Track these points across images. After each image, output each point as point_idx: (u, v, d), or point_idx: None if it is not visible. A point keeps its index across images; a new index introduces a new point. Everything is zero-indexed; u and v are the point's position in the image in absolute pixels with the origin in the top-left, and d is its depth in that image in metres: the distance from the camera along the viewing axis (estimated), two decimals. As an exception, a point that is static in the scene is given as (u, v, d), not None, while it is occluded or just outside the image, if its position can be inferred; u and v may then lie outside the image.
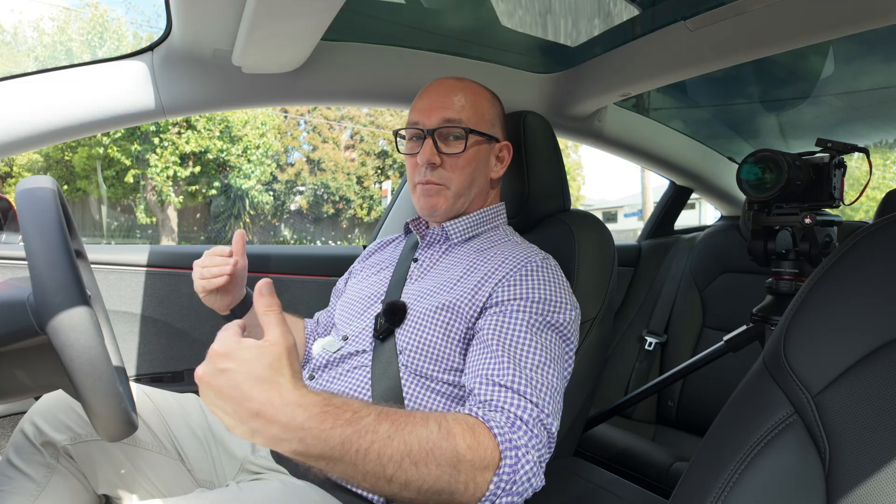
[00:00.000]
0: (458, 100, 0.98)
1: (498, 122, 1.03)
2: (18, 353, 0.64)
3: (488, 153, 1.01)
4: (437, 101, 0.98)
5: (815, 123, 2.01)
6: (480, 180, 1.01)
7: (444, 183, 0.97)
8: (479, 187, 1.01)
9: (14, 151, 1.07)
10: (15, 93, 1.05)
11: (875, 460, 0.46)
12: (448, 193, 0.98)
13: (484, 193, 1.03)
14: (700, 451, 0.58)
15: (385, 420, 0.58)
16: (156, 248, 1.43)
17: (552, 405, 0.73)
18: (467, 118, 0.97)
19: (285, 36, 1.05)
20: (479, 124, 0.98)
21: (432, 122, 0.96)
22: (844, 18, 1.07)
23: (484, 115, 1.00)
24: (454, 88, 0.99)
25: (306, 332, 1.17)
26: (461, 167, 0.97)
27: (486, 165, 1.01)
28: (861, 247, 0.53)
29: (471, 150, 0.97)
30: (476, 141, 0.98)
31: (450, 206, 0.99)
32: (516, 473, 0.64)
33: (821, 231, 1.22)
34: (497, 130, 1.03)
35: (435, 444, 0.59)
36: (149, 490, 0.92)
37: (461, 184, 0.98)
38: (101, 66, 1.12)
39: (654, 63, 1.39)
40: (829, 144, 1.19)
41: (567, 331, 0.83)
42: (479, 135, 0.97)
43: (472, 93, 1.00)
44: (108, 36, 13.21)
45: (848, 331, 0.51)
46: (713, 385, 1.69)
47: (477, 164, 0.99)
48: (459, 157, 0.96)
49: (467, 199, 1.00)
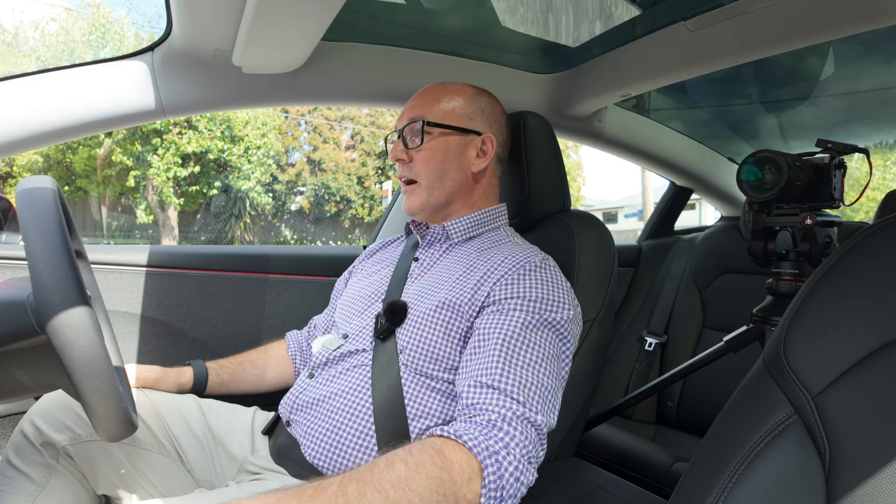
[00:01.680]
0: (426, 99, 1.02)
1: (480, 116, 1.03)
2: (18, 353, 0.64)
3: (461, 145, 1.01)
4: (410, 104, 1.04)
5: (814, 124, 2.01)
6: (454, 173, 1.00)
7: (413, 177, 1.01)
8: (454, 180, 1.01)
9: (14, 151, 1.07)
10: (15, 93, 1.05)
11: (875, 461, 0.46)
12: (420, 189, 1.01)
13: (467, 188, 1.03)
14: (700, 451, 0.58)
15: (350, 481, 0.59)
16: (156, 248, 1.43)
17: (541, 403, 0.73)
18: (428, 113, 1.00)
19: (285, 36, 1.05)
20: (444, 118, 1.00)
21: (402, 122, 1.03)
22: (844, 19, 1.07)
23: (454, 109, 1.01)
24: (427, 90, 1.05)
25: (300, 340, 1.19)
26: (424, 159, 1.00)
27: (460, 157, 1.01)
28: (861, 248, 0.53)
29: (433, 142, 0.99)
30: (440, 133, 0.99)
31: (424, 200, 1.01)
32: (502, 479, 0.64)
33: (821, 232, 1.22)
34: (478, 124, 1.02)
35: (408, 480, 0.59)
36: (148, 490, 0.92)
37: (429, 175, 1.00)
38: (102, 66, 1.12)
39: (654, 63, 1.39)
40: (829, 145, 1.19)
41: (565, 329, 0.83)
42: (438, 126, 0.99)
43: (445, 91, 1.03)
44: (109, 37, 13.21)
45: (848, 331, 0.51)
46: (713, 385, 1.69)
47: (445, 155, 0.99)
48: (420, 150, 1.00)
49: (443, 192, 1.00)
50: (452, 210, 1.03)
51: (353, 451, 0.84)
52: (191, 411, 1.00)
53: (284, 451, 0.92)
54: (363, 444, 0.84)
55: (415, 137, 1.00)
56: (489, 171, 1.05)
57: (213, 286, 1.45)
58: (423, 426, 0.84)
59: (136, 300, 1.38)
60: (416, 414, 0.84)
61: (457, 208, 1.03)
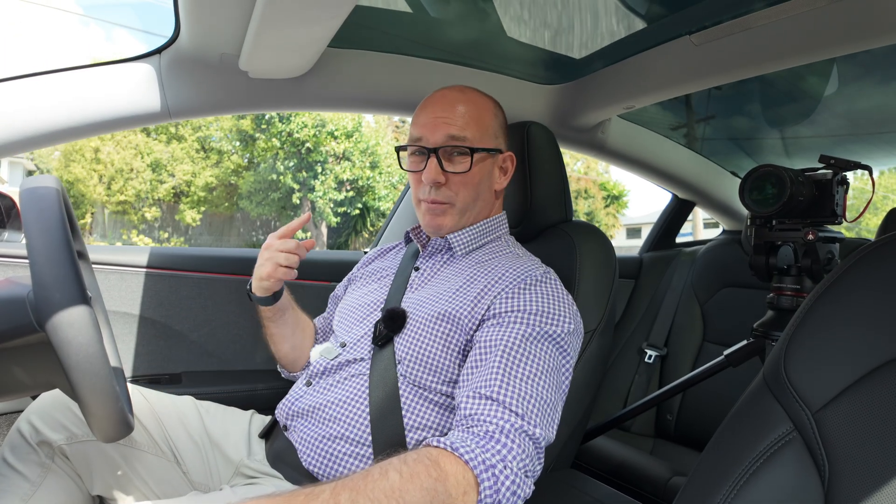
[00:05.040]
0: (461, 115, 0.95)
1: (501, 132, 1.02)
2: (17, 351, 0.63)
3: (492, 166, 1.00)
4: (440, 115, 0.95)
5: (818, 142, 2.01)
6: (485, 194, 1.00)
7: (449, 201, 0.96)
8: (484, 201, 1.00)
9: (21, 150, 1.08)
10: (24, 92, 1.06)
11: (875, 479, 0.46)
12: (454, 211, 0.97)
13: (489, 206, 1.03)
14: (698, 466, 0.57)
15: (343, 489, 0.58)
16: (156, 249, 1.43)
17: (540, 416, 0.72)
18: (472, 135, 0.94)
19: (292, 42, 1.06)
20: (483, 140, 0.96)
21: (436, 139, 0.94)
22: (848, 36, 1.07)
23: (488, 128, 0.98)
24: (457, 101, 0.97)
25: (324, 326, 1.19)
26: (466, 185, 0.96)
27: (490, 179, 1.00)
28: (863, 264, 0.53)
29: (476, 167, 0.95)
30: (481, 157, 0.96)
31: (455, 222, 0.98)
32: (498, 493, 0.63)
33: (823, 247, 1.21)
34: (500, 142, 1.01)
35: (402, 490, 0.58)
36: (143, 492, 0.92)
37: (466, 200, 0.97)
38: (109, 67, 1.13)
39: (658, 76, 1.39)
40: (832, 161, 1.19)
41: (565, 343, 0.82)
42: (483, 151, 0.96)
43: (475, 105, 0.97)
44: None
45: (849, 348, 0.50)
46: (712, 399, 1.68)
47: (481, 179, 0.98)
48: (465, 176, 0.95)
49: (472, 214, 0.99)
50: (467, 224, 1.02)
51: (349, 459, 0.83)
52: (188, 413, 0.99)
53: (281, 455, 0.91)
54: (359, 453, 0.83)
55: (461, 160, 0.94)
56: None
57: (213, 289, 1.45)
58: (419, 437, 0.84)
59: (136, 301, 1.38)
60: (412, 425, 0.84)
61: (471, 222, 1.02)
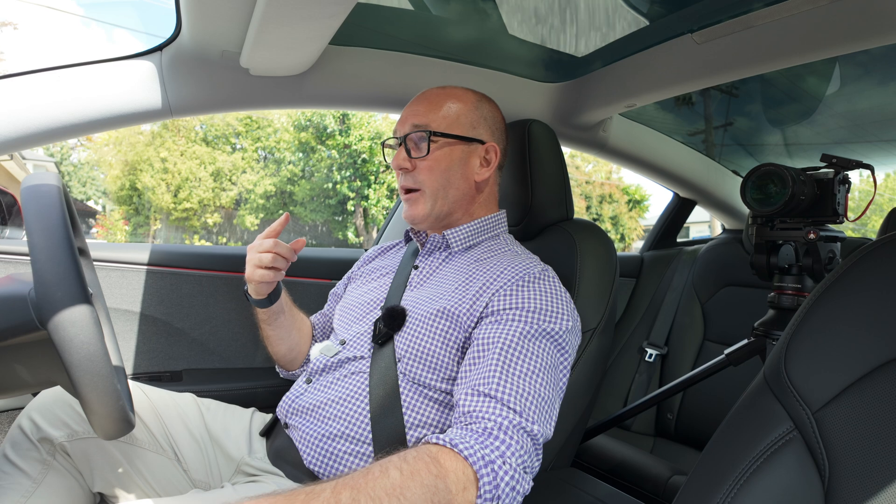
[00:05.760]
0: (430, 105, 1.00)
1: (483, 124, 1.02)
2: (18, 348, 0.64)
3: (465, 154, 1.00)
4: (411, 109, 1.01)
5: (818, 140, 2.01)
6: (458, 182, 1.00)
7: (417, 187, 0.99)
8: (458, 189, 1.00)
9: (22, 146, 1.08)
10: (25, 89, 1.06)
11: (875, 478, 0.46)
12: (424, 197, 0.99)
13: (469, 197, 1.02)
14: (698, 465, 0.57)
15: (344, 488, 0.58)
16: (157, 246, 1.43)
17: (537, 413, 0.73)
18: (433, 121, 0.98)
19: (294, 39, 1.05)
20: (449, 127, 0.98)
21: (404, 129, 1.00)
22: (850, 35, 1.07)
23: (458, 117, 1.00)
24: (429, 95, 1.02)
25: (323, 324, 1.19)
26: (429, 168, 0.98)
27: (464, 167, 1.00)
28: (864, 264, 0.53)
29: (438, 152, 0.98)
30: (445, 143, 0.98)
31: (428, 210, 0.99)
32: (497, 488, 0.63)
33: (824, 247, 1.21)
34: (481, 133, 1.02)
35: (402, 487, 0.58)
36: (144, 489, 0.92)
37: (434, 186, 0.98)
38: (110, 64, 1.13)
39: (660, 75, 1.39)
40: (834, 160, 1.19)
41: (563, 340, 0.83)
42: (445, 136, 0.98)
43: (449, 96, 1.01)
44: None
45: (850, 348, 0.50)
46: (713, 398, 1.68)
47: (449, 165, 0.99)
48: (426, 160, 0.98)
49: (446, 202, 1.00)
50: (453, 219, 1.03)
51: (349, 458, 0.83)
52: (189, 411, 0.99)
53: (282, 453, 0.91)
54: (360, 451, 0.83)
55: (419, 146, 0.99)
56: (491, 180, 1.05)
57: (214, 286, 1.45)
58: (419, 435, 0.84)
59: (137, 298, 1.38)
60: (412, 423, 0.84)
61: (458, 217, 1.03)
